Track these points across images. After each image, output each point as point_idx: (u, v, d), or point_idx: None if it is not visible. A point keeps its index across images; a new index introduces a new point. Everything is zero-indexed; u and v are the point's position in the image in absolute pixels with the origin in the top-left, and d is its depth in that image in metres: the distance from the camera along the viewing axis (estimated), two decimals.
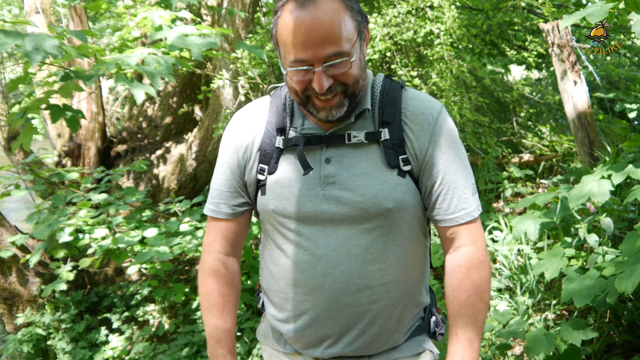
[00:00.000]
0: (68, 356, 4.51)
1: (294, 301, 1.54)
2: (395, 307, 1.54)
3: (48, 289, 4.08)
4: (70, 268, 4.19)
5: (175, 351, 4.10)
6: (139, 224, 4.34)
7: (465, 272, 1.48)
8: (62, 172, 4.69)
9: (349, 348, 1.54)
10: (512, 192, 4.67)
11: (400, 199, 1.45)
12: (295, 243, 1.50)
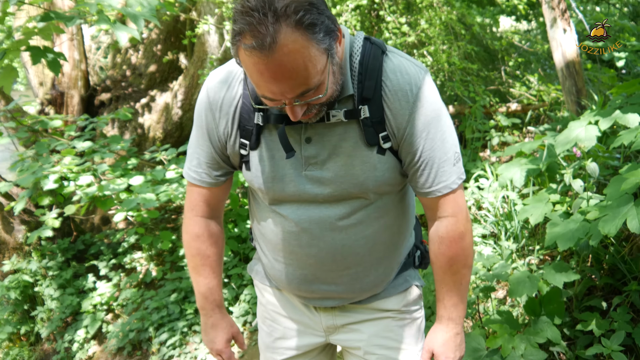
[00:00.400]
0: (56, 302, 4.54)
1: (282, 263, 1.58)
2: (381, 264, 1.58)
3: (34, 236, 4.07)
4: (55, 215, 4.17)
5: (163, 297, 4.14)
6: (124, 172, 4.30)
7: (447, 244, 1.51)
8: (45, 119, 4.61)
9: (337, 302, 1.60)
10: (498, 141, 4.67)
11: (380, 177, 1.43)
12: (280, 215, 1.50)
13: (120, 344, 4.08)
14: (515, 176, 3.07)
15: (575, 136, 2.60)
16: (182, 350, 3.82)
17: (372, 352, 1.65)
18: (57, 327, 4.58)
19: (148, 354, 4.00)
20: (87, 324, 4.30)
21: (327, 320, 1.66)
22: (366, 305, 1.65)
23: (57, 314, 4.55)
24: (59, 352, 4.47)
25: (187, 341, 3.87)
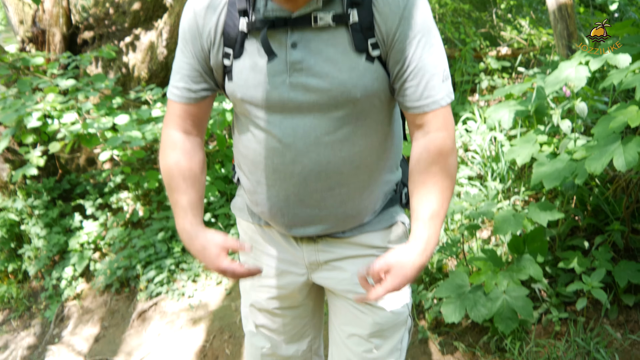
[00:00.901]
0: (43, 241, 4.55)
1: (265, 185, 1.53)
2: (365, 188, 1.54)
3: (18, 174, 4.03)
4: (40, 153, 4.12)
5: (150, 236, 4.15)
6: (109, 111, 4.24)
7: (434, 157, 1.41)
8: (26, 56, 4.50)
9: (320, 229, 1.56)
10: (488, 84, 4.64)
11: (369, 86, 1.39)
12: (264, 130, 1.46)
13: (108, 282, 4.12)
14: (503, 118, 3.06)
15: (565, 76, 2.58)
16: (169, 287, 3.86)
17: (355, 291, 1.62)
18: (45, 265, 4.60)
19: (136, 291, 4.04)
20: (74, 262, 4.32)
21: (309, 255, 1.64)
22: (350, 239, 1.62)
23: (44, 252, 4.56)
24: (47, 290, 4.51)
25: (175, 278, 3.91)
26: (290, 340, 1.86)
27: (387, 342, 1.65)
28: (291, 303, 1.76)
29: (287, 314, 1.79)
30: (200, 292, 3.81)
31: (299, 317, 1.82)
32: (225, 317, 3.52)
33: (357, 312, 1.65)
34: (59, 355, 3.92)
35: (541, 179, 2.38)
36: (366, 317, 1.63)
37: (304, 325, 1.85)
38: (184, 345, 3.48)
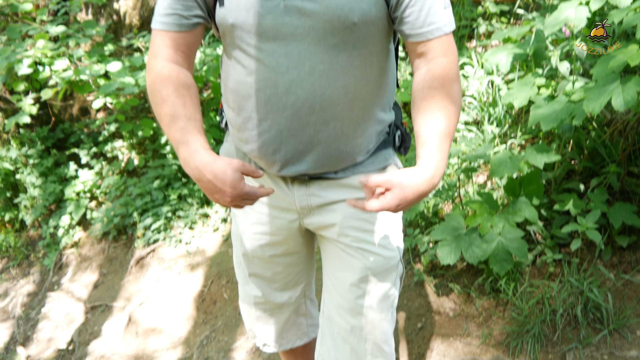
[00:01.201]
0: (39, 190, 4.54)
1: (256, 119, 1.48)
2: (359, 124, 1.51)
3: (11, 123, 4.00)
4: (32, 101, 4.07)
5: (146, 184, 4.15)
6: (101, 58, 4.17)
7: (439, 82, 1.39)
8: (15, 2, 4.39)
9: (313, 165, 1.52)
10: (486, 29, 4.56)
11: (367, 10, 1.35)
12: (257, 59, 1.41)
13: (105, 229, 4.14)
14: (501, 61, 3.02)
15: (565, 17, 2.54)
16: (166, 235, 3.88)
17: (346, 234, 1.61)
18: (41, 214, 4.61)
19: (133, 239, 4.07)
20: (71, 211, 4.33)
21: (301, 200, 1.61)
22: (342, 181, 1.59)
23: (40, 201, 4.57)
24: (45, 238, 4.53)
25: (172, 226, 3.92)
26: (283, 287, 1.87)
27: (378, 287, 1.64)
28: (284, 250, 1.76)
29: (280, 262, 1.79)
30: (197, 238, 3.83)
31: (292, 265, 1.82)
32: (222, 263, 3.55)
33: (348, 256, 1.63)
34: (58, 301, 3.97)
35: (538, 121, 2.37)
36: (356, 262, 1.62)
37: (297, 272, 1.86)
38: (183, 291, 3.53)
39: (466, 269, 2.78)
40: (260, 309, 1.92)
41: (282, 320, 1.95)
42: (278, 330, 1.98)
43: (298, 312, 1.98)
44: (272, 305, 1.90)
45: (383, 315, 1.67)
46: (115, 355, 3.26)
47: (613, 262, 2.56)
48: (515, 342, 2.40)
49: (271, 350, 2.05)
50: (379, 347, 1.69)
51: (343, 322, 1.68)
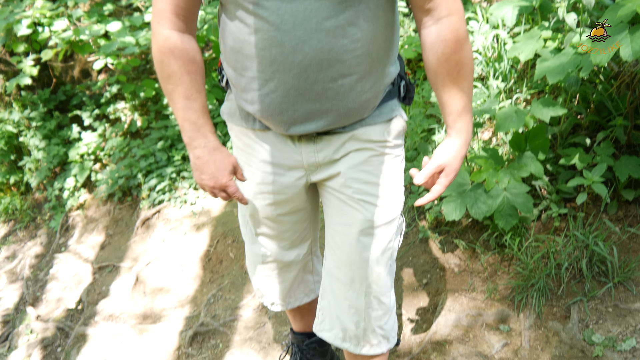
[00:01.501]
0: (42, 152, 4.54)
1: (261, 79, 1.45)
2: (367, 79, 1.49)
3: (12, 84, 3.97)
4: (32, 62, 4.04)
5: (149, 145, 4.14)
6: (101, 18, 4.12)
7: (453, 46, 1.43)
8: None
9: (321, 124, 1.51)
10: None
11: None
12: (259, 17, 1.37)
13: (110, 191, 4.15)
14: (506, 15, 2.96)
15: None
16: (171, 195, 3.89)
17: (349, 185, 1.61)
18: (46, 177, 4.63)
19: (138, 200, 4.08)
20: (75, 173, 4.34)
21: (308, 157, 1.61)
22: (350, 134, 1.58)
23: (44, 164, 4.57)
24: (50, 201, 4.55)
25: (176, 186, 3.93)
26: (291, 245, 1.87)
27: (378, 240, 1.65)
28: (290, 208, 1.75)
29: (287, 220, 1.79)
30: (202, 199, 3.84)
31: (298, 222, 1.82)
32: (228, 223, 3.56)
33: (349, 208, 1.63)
34: (66, 262, 4.00)
35: (545, 74, 2.33)
36: (358, 214, 1.62)
37: (304, 229, 1.86)
38: (189, 250, 3.55)
39: (471, 225, 2.78)
40: (268, 268, 1.93)
41: (290, 278, 1.96)
42: (286, 289, 1.99)
43: (305, 270, 1.99)
44: (281, 263, 1.91)
45: (382, 268, 1.68)
46: (123, 314, 3.30)
47: (619, 216, 2.55)
48: (520, 296, 2.42)
49: (279, 308, 2.06)
50: (378, 299, 1.70)
51: (343, 276, 1.70)
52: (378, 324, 1.73)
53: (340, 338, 1.78)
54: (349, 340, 1.76)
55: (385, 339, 1.78)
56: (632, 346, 2.10)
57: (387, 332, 1.77)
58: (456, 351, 2.34)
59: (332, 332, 1.79)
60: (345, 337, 1.76)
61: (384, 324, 1.75)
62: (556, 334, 2.27)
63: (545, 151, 2.50)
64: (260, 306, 2.96)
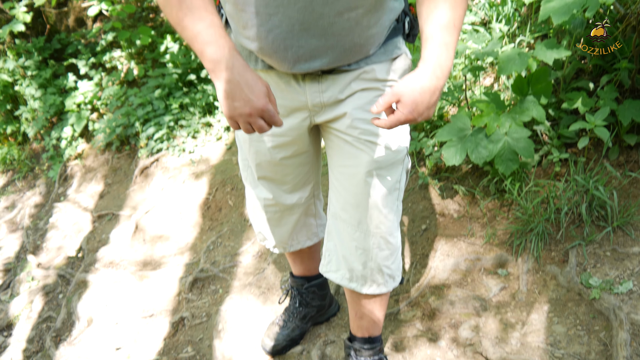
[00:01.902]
0: (39, 102, 4.49)
1: (264, 14, 1.38)
2: (372, 13, 1.43)
3: (5, 31, 3.90)
4: (25, 9, 3.95)
5: (146, 93, 4.09)
6: None
7: None
8: None
9: (327, 60, 1.46)
10: None
11: None
12: None
13: (107, 140, 4.12)
14: None
15: None
16: (169, 144, 3.86)
17: (355, 126, 1.58)
18: (43, 127, 4.59)
19: (136, 149, 4.05)
20: (72, 122, 4.30)
21: (313, 97, 1.57)
22: (355, 72, 1.54)
23: (41, 113, 4.53)
24: (48, 150, 4.53)
25: (174, 135, 3.90)
26: (293, 189, 1.85)
27: (385, 181, 1.63)
28: (294, 151, 1.73)
29: (290, 163, 1.76)
30: (200, 147, 3.81)
31: (301, 165, 1.79)
32: (226, 171, 3.55)
33: (355, 150, 1.61)
34: (65, 211, 4.01)
35: (549, 14, 2.27)
36: (364, 155, 1.60)
37: (306, 172, 1.84)
38: (188, 199, 3.55)
39: (471, 171, 2.76)
40: (270, 212, 1.91)
41: (292, 221, 1.95)
42: (288, 232, 1.98)
43: (308, 213, 1.98)
44: (283, 207, 1.89)
45: (389, 209, 1.67)
46: (124, 261, 3.32)
47: (620, 161, 2.53)
48: (519, 240, 2.42)
49: (280, 251, 2.07)
50: (385, 239, 1.70)
51: (349, 217, 1.69)
52: (385, 263, 1.74)
53: (347, 278, 1.78)
54: (356, 280, 1.77)
55: (392, 278, 1.79)
56: (629, 289, 2.11)
57: (393, 271, 1.78)
58: (454, 295, 2.36)
59: (338, 273, 1.79)
60: (352, 278, 1.77)
61: (390, 264, 1.75)
62: (554, 278, 2.28)
63: (548, 95, 2.47)
64: (259, 252, 2.97)
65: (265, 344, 2.32)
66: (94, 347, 2.70)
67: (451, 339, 2.20)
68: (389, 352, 2.21)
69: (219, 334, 2.52)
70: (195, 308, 2.78)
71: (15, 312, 3.18)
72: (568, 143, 2.60)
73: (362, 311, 1.89)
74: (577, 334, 2.06)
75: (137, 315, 2.85)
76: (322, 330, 2.41)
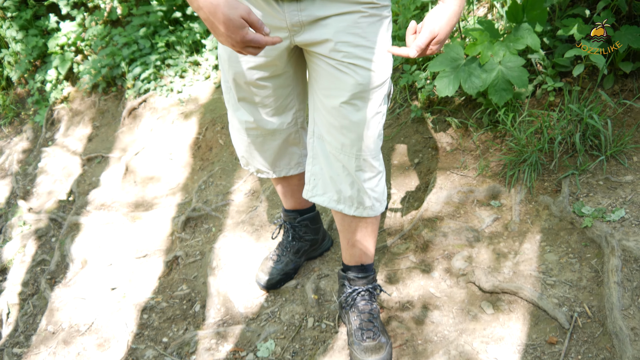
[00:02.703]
0: (21, 44, 4.38)
1: None
2: None
3: None
4: None
5: (131, 32, 3.98)
6: None
7: None
8: None
9: None
10: None
11: None
12: None
13: (93, 81, 4.03)
14: None
15: None
16: (157, 84, 3.78)
17: (338, 50, 1.54)
18: (27, 70, 4.48)
19: (123, 90, 3.98)
20: (56, 65, 4.20)
21: (291, 15, 1.51)
22: None
23: (23, 56, 4.42)
24: (33, 95, 4.44)
25: (162, 75, 3.82)
26: (274, 112, 1.83)
27: (368, 104, 1.62)
28: (273, 72, 1.70)
29: (269, 84, 1.74)
30: (188, 87, 3.74)
31: (281, 87, 1.77)
32: (216, 110, 3.49)
33: (339, 73, 1.58)
34: (54, 156, 3.96)
35: None
36: (348, 78, 1.57)
37: (287, 95, 1.81)
38: (177, 139, 3.50)
39: (464, 103, 2.72)
40: (251, 136, 1.90)
41: (274, 147, 1.94)
42: (270, 158, 1.97)
43: (290, 141, 1.95)
44: (264, 131, 1.87)
45: (373, 131, 1.67)
46: (115, 203, 3.30)
47: (615, 90, 2.50)
48: (512, 171, 2.41)
49: (264, 176, 2.07)
50: (369, 163, 1.70)
51: (333, 140, 1.68)
52: (369, 186, 1.74)
53: (335, 200, 1.78)
54: (344, 201, 1.77)
55: (378, 202, 1.79)
56: (621, 216, 2.11)
57: (378, 194, 1.78)
58: (447, 227, 2.36)
59: (326, 196, 1.79)
60: (340, 199, 1.77)
61: (374, 187, 1.75)
62: (546, 208, 2.28)
63: (543, 22, 2.40)
64: (251, 191, 2.96)
65: (259, 279, 2.33)
66: (89, 288, 2.71)
67: (444, 270, 2.21)
68: (383, 284, 2.22)
69: (213, 271, 2.52)
70: (188, 247, 2.78)
71: (8, 256, 3.18)
72: (563, 72, 2.56)
73: (354, 239, 1.89)
74: (569, 261, 2.07)
75: (130, 255, 2.85)
76: (315, 264, 2.41)
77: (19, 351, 2.45)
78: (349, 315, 1.98)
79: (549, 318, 1.89)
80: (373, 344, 1.88)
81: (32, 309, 2.72)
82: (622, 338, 1.70)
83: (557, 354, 1.77)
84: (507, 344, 1.85)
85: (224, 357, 2.09)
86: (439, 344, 1.92)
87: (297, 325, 2.15)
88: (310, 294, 2.25)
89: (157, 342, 2.28)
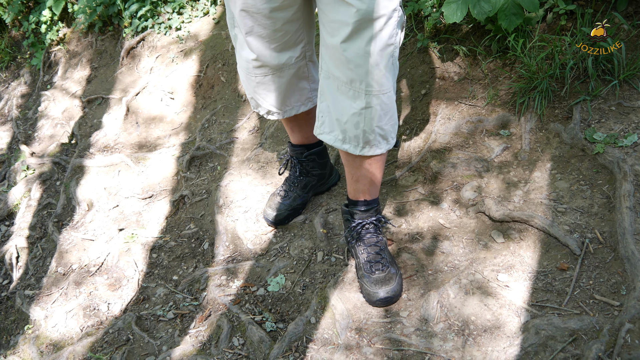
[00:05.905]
0: None
1: None
2: None
3: None
4: None
5: None
6: None
7: None
8: None
9: None
10: None
11: None
12: None
13: (89, 21, 3.93)
14: None
15: None
16: (155, 22, 3.68)
17: None
18: (20, 12, 4.36)
19: (120, 29, 3.88)
20: (50, 5, 4.07)
21: None
22: None
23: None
24: (28, 37, 4.34)
25: (159, 12, 3.70)
26: (283, 47, 1.77)
27: (377, 35, 1.53)
28: (282, 2, 1.64)
29: (279, 17, 1.67)
30: (187, 23, 3.64)
31: (290, 21, 1.70)
32: (216, 46, 3.41)
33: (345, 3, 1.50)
34: (53, 99, 3.90)
35: None
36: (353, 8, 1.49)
37: (296, 29, 1.75)
38: (178, 77, 3.43)
39: (472, 30, 2.64)
40: (260, 74, 1.84)
41: (283, 84, 1.88)
42: (280, 96, 1.92)
43: (300, 75, 1.89)
44: (272, 67, 1.81)
45: (383, 65, 1.58)
46: (118, 144, 3.26)
47: (628, 12, 2.40)
48: (522, 99, 2.35)
49: (275, 117, 2.01)
50: (379, 98, 1.63)
51: (342, 75, 1.61)
52: (378, 124, 1.68)
53: (340, 140, 1.73)
54: (349, 141, 1.72)
55: (385, 140, 1.73)
56: (634, 141, 2.07)
57: (386, 132, 1.72)
58: (455, 157, 2.32)
59: (332, 135, 1.74)
60: (345, 139, 1.72)
61: (383, 124, 1.69)
62: (557, 135, 2.23)
63: None
64: (256, 128, 2.91)
65: (267, 214, 2.31)
66: (97, 230, 2.71)
67: (453, 201, 2.19)
68: (392, 217, 2.21)
69: (220, 209, 2.51)
70: (194, 186, 2.76)
71: (14, 201, 3.17)
72: None
73: (358, 174, 1.85)
74: (580, 188, 2.04)
75: (136, 196, 2.84)
76: (323, 199, 2.40)
77: (30, 293, 2.47)
78: (356, 249, 1.97)
79: (560, 245, 1.88)
80: (383, 275, 1.87)
81: (41, 252, 2.73)
82: (634, 262, 1.69)
83: (568, 280, 1.76)
84: (518, 272, 1.84)
85: (234, 292, 2.10)
86: (449, 274, 1.92)
87: (307, 260, 2.15)
88: (319, 228, 2.24)
89: (167, 280, 2.29)
